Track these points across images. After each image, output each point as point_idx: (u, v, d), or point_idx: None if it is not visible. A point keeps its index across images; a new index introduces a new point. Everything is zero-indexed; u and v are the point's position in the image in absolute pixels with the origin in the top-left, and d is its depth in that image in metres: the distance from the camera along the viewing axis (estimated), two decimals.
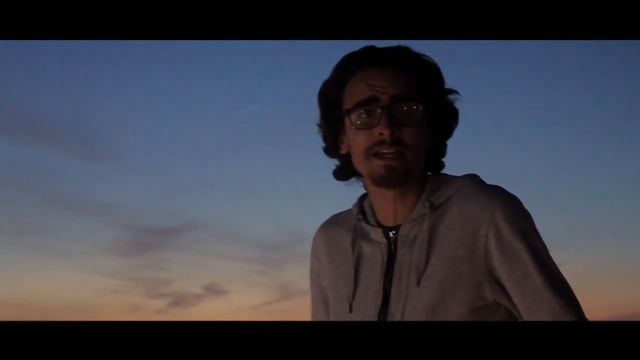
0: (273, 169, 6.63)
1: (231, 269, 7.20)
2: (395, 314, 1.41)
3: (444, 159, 1.54)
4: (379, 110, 1.40)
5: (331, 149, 1.53)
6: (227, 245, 7.20)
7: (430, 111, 1.43)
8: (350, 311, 1.48)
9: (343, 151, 1.51)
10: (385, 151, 1.40)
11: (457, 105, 1.50)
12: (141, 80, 6.59)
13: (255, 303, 7.22)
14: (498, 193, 1.41)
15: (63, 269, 7.07)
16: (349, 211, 1.60)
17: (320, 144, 1.56)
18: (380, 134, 1.39)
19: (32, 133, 6.94)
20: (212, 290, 7.19)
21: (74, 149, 7.13)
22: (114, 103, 6.71)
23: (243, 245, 7.19)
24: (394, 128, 1.39)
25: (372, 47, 1.47)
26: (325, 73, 1.53)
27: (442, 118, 1.47)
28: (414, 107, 1.41)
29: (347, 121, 1.45)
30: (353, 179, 1.55)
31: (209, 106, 6.70)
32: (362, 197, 1.57)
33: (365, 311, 1.46)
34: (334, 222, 1.62)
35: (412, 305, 1.39)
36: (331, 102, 1.49)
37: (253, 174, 6.81)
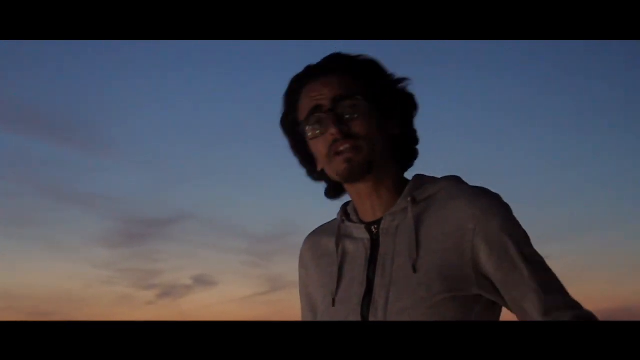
0: (265, 161, 6.62)
1: (221, 261, 7.23)
2: (379, 302, 1.45)
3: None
4: (325, 115, 1.47)
5: (310, 170, 1.60)
6: (217, 237, 7.21)
7: (379, 102, 1.50)
8: (334, 305, 1.52)
9: (319, 168, 1.57)
10: (342, 148, 1.47)
11: (411, 90, 1.55)
12: (133, 72, 6.57)
13: (245, 294, 7.25)
14: (482, 191, 1.49)
15: (54, 260, 7.07)
16: (334, 220, 1.65)
17: None
18: (332, 134, 1.46)
19: (24, 124, 6.92)
20: (202, 281, 7.22)
21: (65, 140, 7.11)
22: (106, 94, 6.70)
23: (234, 236, 7.21)
24: (341, 125, 1.46)
25: (308, 65, 1.54)
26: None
27: (396, 105, 1.53)
28: (356, 101, 1.48)
29: (306, 138, 1.53)
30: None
31: (201, 97, 6.70)
32: (346, 203, 1.63)
33: (349, 302, 1.49)
34: (319, 231, 1.68)
35: (397, 292, 1.43)
36: (290, 128, 1.56)
37: (245, 166, 6.83)
